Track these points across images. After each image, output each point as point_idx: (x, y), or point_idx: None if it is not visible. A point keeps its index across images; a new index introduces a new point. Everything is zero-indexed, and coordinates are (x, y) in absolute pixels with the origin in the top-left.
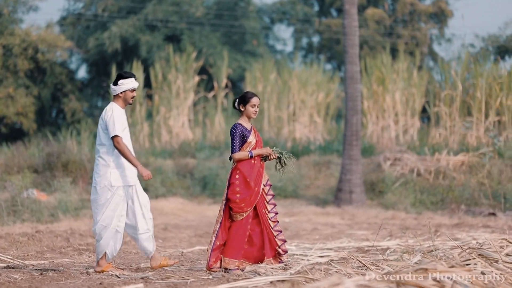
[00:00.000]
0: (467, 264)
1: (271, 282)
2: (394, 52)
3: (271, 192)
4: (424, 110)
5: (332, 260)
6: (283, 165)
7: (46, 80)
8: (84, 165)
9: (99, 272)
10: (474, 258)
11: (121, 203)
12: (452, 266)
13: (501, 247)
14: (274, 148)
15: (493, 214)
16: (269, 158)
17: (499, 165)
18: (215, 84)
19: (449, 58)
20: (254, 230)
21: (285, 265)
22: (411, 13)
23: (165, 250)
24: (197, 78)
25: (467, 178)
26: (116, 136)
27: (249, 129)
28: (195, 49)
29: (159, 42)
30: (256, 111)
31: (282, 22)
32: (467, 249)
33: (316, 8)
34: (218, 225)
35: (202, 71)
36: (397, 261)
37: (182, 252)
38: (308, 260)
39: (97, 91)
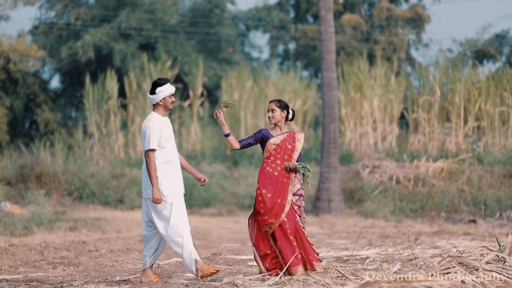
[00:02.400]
0: (447, 273)
1: None
2: (371, 58)
3: (299, 203)
4: (402, 117)
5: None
6: (302, 177)
7: (19, 91)
8: (58, 177)
9: (205, 276)
10: (454, 267)
11: (184, 207)
12: (432, 275)
13: (481, 254)
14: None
15: (474, 221)
16: (291, 167)
17: (478, 171)
18: (191, 93)
19: (427, 63)
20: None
21: (263, 276)
22: (387, 19)
23: (141, 263)
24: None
25: (447, 185)
26: (149, 150)
27: (275, 135)
28: (170, 57)
29: (133, 50)
30: (269, 117)
31: (258, 29)
32: (447, 257)
33: (292, 14)
34: (252, 237)
35: (177, 79)
36: (377, 270)
37: (159, 264)
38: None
39: (71, 101)
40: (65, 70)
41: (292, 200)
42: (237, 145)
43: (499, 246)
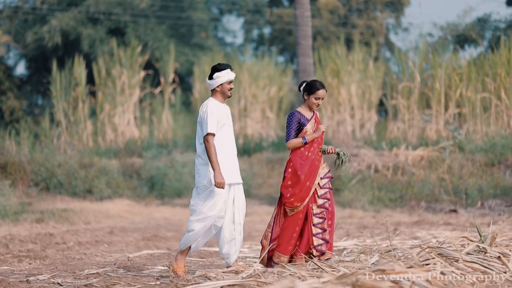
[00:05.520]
0: (426, 264)
1: (222, 287)
2: (349, 43)
3: (328, 185)
4: (381, 103)
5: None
6: (341, 163)
7: None
8: (24, 166)
9: (172, 268)
10: (434, 258)
11: (220, 202)
12: (411, 267)
13: (462, 245)
14: (338, 149)
15: (454, 210)
16: (328, 151)
17: (460, 160)
18: (162, 79)
19: (406, 48)
20: (304, 224)
21: (236, 269)
22: (366, 2)
23: (111, 255)
24: (142, 73)
25: (427, 174)
26: (207, 134)
27: (309, 118)
28: (140, 43)
29: (102, 35)
30: (319, 104)
31: (232, 13)
32: (427, 248)
33: None
34: (272, 220)
35: (148, 65)
36: (354, 262)
37: (129, 257)
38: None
39: (37, 88)
40: (31, 56)
41: (319, 184)
42: None
43: (480, 236)
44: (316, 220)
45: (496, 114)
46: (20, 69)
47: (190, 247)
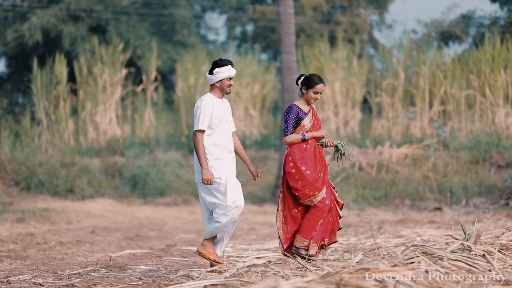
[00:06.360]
0: (410, 263)
1: (205, 287)
2: (332, 40)
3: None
4: (365, 101)
5: (269, 261)
6: (341, 154)
7: None
8: (4, 166)
9: (199, 254)
10: (418, 256)
11: (240, 194)
12: (395, 265)
13: (446, 243)
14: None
15: (439, 208)
16: (326, 145)
17: (444, 157)
18: (144, 77)
19: (390, 45)
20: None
21: (220, 268)
22: None
23: (93, 255)
24: (124, 71)
25: (411, 172)
26: (197, 130)
27: (306, 112)
28: (122, 41)
29: (83, 33)
30: (317, 98)
31: (214, 10)
32: (411, 246)
33: None
34: (281, 222)
35: (130, 63)
36: (338, 261)
37: (111, 257)
38: (244, 262)
39: (18, 86)
40: (11, 54)
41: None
42: None
43: (465, 234)
44: (341, 213)
45: (481, 111)
46: (0, 67)
47: (216, 235)
